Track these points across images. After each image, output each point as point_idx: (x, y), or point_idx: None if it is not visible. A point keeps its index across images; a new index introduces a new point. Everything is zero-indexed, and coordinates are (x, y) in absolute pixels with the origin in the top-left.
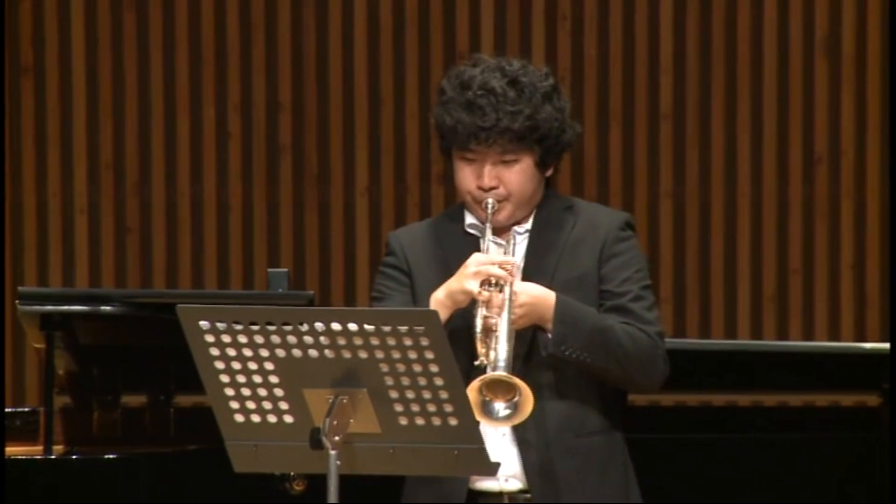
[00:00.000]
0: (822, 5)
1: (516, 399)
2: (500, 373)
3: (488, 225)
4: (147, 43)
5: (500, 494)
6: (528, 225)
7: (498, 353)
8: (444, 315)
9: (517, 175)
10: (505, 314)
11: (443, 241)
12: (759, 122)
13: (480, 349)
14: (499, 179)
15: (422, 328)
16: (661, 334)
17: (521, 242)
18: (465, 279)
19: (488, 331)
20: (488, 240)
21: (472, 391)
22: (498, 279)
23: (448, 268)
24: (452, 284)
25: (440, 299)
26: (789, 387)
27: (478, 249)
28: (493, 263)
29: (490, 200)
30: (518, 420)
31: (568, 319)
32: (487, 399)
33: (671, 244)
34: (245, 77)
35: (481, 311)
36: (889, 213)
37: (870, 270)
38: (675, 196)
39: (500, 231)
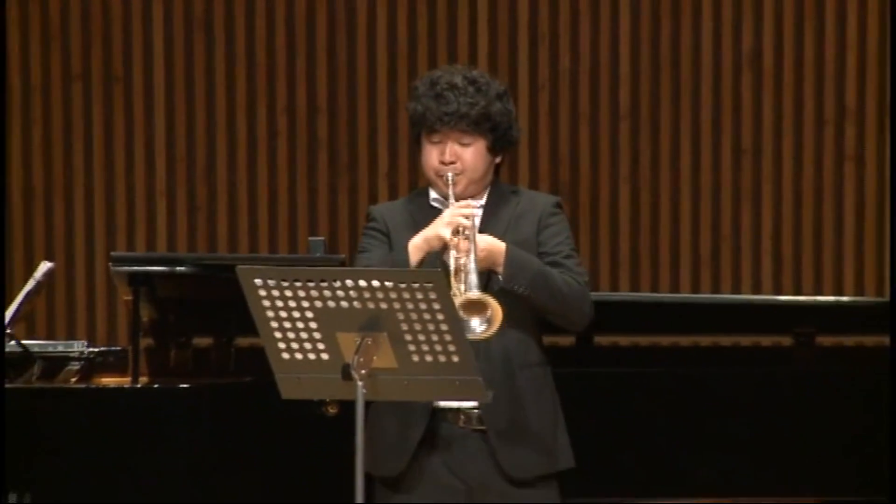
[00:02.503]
0: (747, 27)
1: (489, 314)
2: (475, 292)
3: (451, 192)
4: (213, 58)
5: (457, 411)
6: (483, 201)
7: (469, 282)
8: (419, 257)
9: (472, 155)
10: (472, 255)
11: (413, 211)
12: (697, 122)
13: (454, 283)
14: (457, 157)
15: (431, 285)
16: (587, 283)
17: (477, 214)
18: (440, 227)
19: (458, 270)
20: (451, 205)
21: None
22: (464, 228)
23: (418, 229)
24: (428, 232)
25: (417, 244)
26: (721, 330)
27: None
28: (462, 215)
29: (450, 174)
30: (493, 330)
31: (516, 263)
32: (465, 318)
33: (628, 218)
34: (290, 85)
35: (453, 254)
36: (800, 195)
37: (784, 238)
38: (632, 181)
39: None
